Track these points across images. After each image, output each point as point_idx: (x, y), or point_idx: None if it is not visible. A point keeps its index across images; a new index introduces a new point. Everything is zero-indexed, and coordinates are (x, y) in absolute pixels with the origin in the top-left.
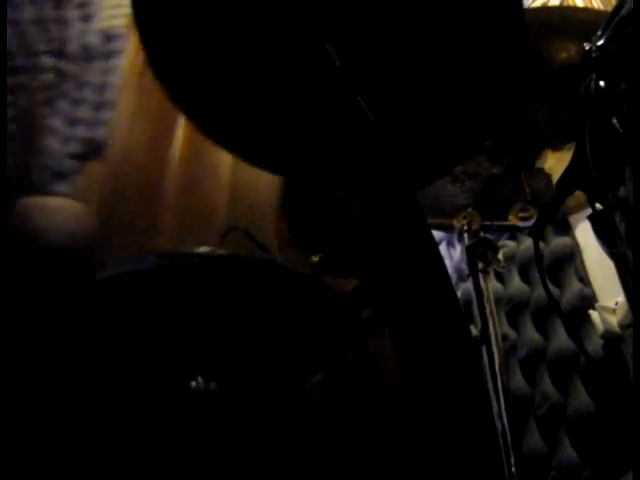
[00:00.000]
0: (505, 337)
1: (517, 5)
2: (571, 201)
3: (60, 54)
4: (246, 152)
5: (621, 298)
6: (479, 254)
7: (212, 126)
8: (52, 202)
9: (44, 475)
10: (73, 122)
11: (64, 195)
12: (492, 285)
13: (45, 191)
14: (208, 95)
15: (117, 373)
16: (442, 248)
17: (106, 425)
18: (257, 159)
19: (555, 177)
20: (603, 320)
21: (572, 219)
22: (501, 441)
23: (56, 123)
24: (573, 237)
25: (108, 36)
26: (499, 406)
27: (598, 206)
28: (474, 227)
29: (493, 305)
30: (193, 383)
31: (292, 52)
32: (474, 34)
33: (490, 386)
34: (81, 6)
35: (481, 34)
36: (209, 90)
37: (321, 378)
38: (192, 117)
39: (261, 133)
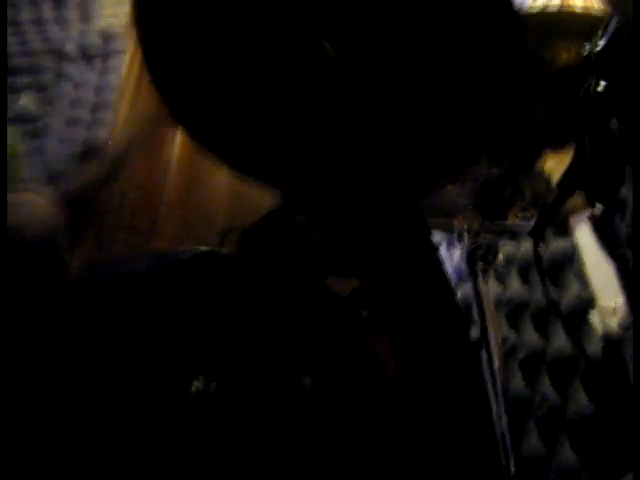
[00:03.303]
0: (505, 339)
1: (517, 7)
2: (571, 202)
3: (59, 54)
4: (244, 165)
5: (621, 299)
6: (479, 255)
7: (209, 137)
8: (17, 198)
9: (44, 476)
10: (72, 122)
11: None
12: (492, 286)
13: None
14: (205, 102)
15: (117, 375)
16: (442, 249)
17: (106, 427)
18: (255, 172)
19: (555, 178)
20: (603, 321)
21: (572, 220)
22: (500, 443)
23: (55, 123)
24: (573, 238)
25: (107, 36)
26: (498, 408)
27: (598, 207)
28: (474, 228)
29: (493, 306)
30: (194, 384)
31: (291, 52)
32: (474, 36)
33: (489, 388)
34: (80, 6)
35: (482, 36)
36: (207, 97)
37: (322, 379)
38: (190, 129)
39: (258, 140)
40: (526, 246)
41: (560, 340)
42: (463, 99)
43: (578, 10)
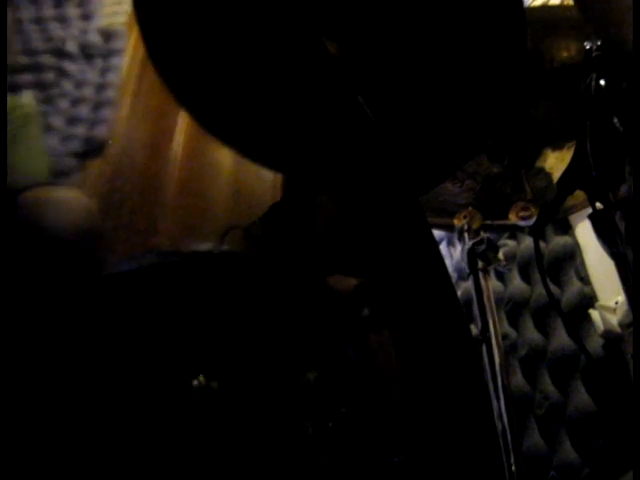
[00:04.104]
0: (505, 336)
1: (518, 4)
2: (571, 200)
3: (60, 53)
4: (247, 148)
5: (621, 297)
6: (479, 253)
7: (213, 121)
8: (55, 194)
9: (44, 474)
10: (73, 121)
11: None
12: (492, 284)
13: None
14: (209, 90)
15: (118, 372)
16: (442, 247)
17: (107, 423)
18: (257, 156)
19: (555, 176)
20: (603, 319)
21: (572, 218)
22: (501, 440)
23: (56, 122)
24: (573, 236)
25: (108, 35)
26: (499, 405)
27: (598, 205)
28: (474, 226)
29: (493, 304)
30: (195, 381)
31: (292, 49)
32: (475, 32)
33: (490, 385)
34: (81, 4)
35: (482, 33)
36: (210, 85)
37: (322, 377)
38: (193, 112)
39: (262, 129)
40: (526, 244)
41: (561, 338)
42: (463, 95)
43: None
